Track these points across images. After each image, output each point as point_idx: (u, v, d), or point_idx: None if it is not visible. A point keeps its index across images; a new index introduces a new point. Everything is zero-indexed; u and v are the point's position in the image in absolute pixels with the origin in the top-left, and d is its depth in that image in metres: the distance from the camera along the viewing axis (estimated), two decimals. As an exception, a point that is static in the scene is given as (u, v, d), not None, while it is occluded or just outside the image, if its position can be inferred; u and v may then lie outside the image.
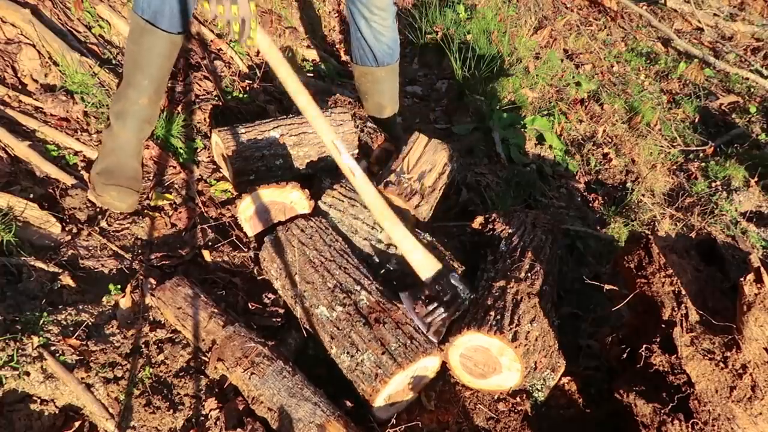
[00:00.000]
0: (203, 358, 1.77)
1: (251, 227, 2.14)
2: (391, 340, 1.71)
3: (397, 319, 1.76)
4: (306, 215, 2.09)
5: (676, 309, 1.59)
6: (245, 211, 2.11)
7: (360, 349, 1.70)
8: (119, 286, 1.86)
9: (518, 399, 1.88)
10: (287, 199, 2.13)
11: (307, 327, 1.86)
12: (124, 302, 1.81)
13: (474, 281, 2.06)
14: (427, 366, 1.77)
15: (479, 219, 2.31)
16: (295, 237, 1.95)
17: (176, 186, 2.30)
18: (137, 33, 1.96)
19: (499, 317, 1.78)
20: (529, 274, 1.97)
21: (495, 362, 1.79)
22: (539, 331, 1.83)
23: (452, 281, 1.89)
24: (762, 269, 1.46)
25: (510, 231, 2.20)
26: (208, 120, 2.60)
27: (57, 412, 1.55)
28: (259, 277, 2.06)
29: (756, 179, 3.26)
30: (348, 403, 1.72)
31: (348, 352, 1.72)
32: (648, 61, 4.48)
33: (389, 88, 2.67)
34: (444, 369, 1.87)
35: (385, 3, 2.37)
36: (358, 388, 1.71)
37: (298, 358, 1.86)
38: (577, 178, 3.13)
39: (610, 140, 3.48)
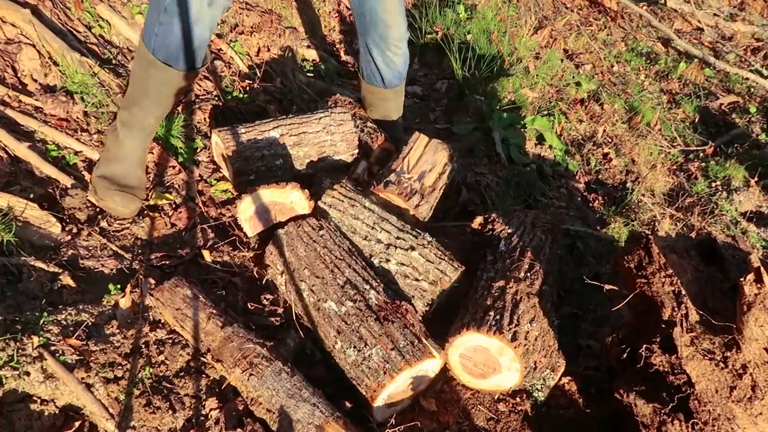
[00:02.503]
0: (203, 358, 1.77)
1: (251, 227, 2.14)
2: (400, 338, 1.71)
3: (405, 319, 1.77)
4: (314, 216, 2.08)
5: (676, 309, 1.60)
6: (245, 212, 2.11)
7: (368, 344, 1.70)
8: (119, 286, 1.86)
9: (518, 399, 1.88)
10: (287, 199, 2.13)
11: (307, 323, 1.86)
12: (124, 302, 1.81)
13: (473, 281, 2.06)
14: (429, 368, 1.77)
15: (479, 219, 2.31)
16: (305, 233, 1.96)
17: (176, 186, 2.30)
18: (146, 65, 1.84)
19: (498, 317, 1.78)
20: (529, 274, 1.97)
21: (494, 362, 1.79)
22: (539, 330, 1.83)
23: None
24: (762, 269, 1.47)
25: (509, 231, 2.20)
26: (208, 120, 2.60)
27: (57, 412, 1.55)
28: (263, 280, 2.06)
29: (756, 179, 3.26)
30: (347, 404, 1.72)
31: (355, 347, 1.71)
32: (648, 61, 4.48)
33: (395, 104, 2.70)
34: (444, 369, 1.87)
35: (401, 33, 2.38)
36: (362, 384, 1.70)
37: (296, 359, 1.85)
38: (577, 178, 3.12)
39: (610, 140, 3.48)
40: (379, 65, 2.48)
